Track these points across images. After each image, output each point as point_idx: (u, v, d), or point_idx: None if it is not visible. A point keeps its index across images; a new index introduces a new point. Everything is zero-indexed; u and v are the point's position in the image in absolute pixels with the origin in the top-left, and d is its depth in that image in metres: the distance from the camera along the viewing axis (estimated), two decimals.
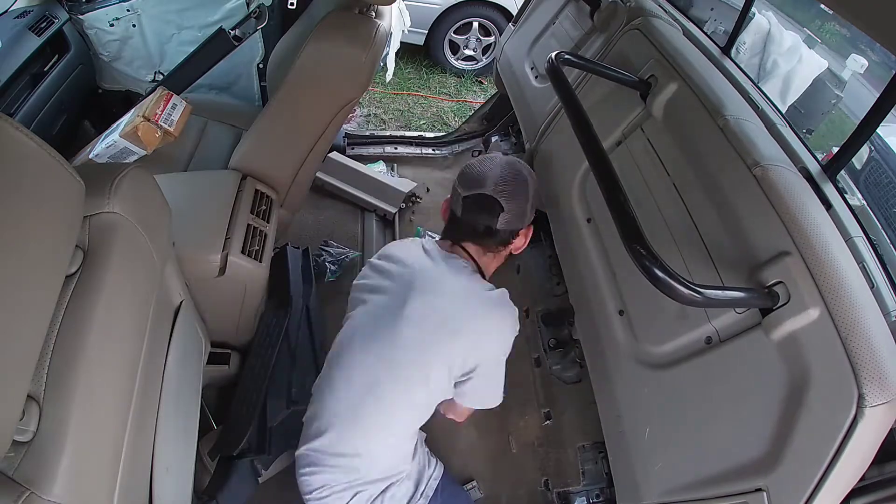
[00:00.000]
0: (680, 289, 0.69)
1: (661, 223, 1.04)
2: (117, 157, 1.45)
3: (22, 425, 0.55)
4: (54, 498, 0.55)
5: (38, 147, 0.57)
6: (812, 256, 0.77)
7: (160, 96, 1.48)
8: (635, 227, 0.72)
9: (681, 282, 0.69)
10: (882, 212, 2.31)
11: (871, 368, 0.67)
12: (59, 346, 0.61)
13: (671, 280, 0.68)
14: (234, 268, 1.29)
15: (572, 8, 1.72)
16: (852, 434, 0.67)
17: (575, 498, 1.26)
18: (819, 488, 0.70)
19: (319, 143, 1.52)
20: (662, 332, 1.00)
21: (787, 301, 0.77)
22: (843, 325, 0.71)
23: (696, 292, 0.69)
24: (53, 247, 0.59)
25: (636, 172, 1.15)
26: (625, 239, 0.72)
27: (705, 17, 2.69)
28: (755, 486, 0.77)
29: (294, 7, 1.92)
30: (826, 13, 3.29)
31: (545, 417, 1.41)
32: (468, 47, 3.97)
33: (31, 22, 1.75)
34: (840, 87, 2.92)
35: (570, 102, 1.00)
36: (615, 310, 1.13)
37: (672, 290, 0.69)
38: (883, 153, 2.63)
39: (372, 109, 3.47)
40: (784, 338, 0.77)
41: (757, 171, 0.89)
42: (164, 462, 0.87)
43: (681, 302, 0.71)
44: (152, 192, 0.85)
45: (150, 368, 0.82)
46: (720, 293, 0.77)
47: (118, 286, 0.70)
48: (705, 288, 0.71)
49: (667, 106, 1.13)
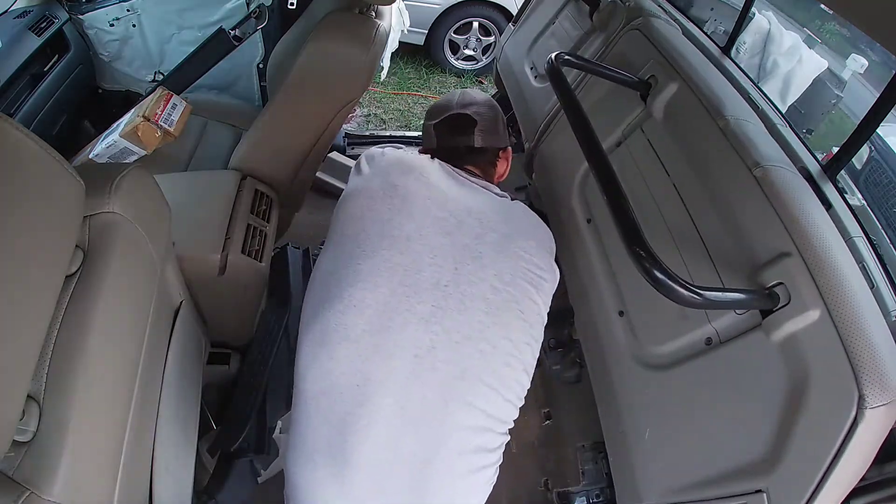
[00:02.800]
0: (680, 291, 0.69)
1: (661, 224, 1.04)
2: (117, 157, 1.45)
3: (22, 425, 0.55)
4: (54, 498, 0.55)
5: (38, 147, 0.57)
6: (812, 257, 0.77)
7: (160, 96, 1.48)
8: (636, 229, 0.72)
9: (681, 284, 0.69)
10: (882, 212, 2.31)
11: (872, 369, 0.67)
12: (59, 346, 0.61)
13: (671, 282, 0.68)
14: (234, 268, 1.29)
15: (572, 8, 1.72)
16: (853, 435, 0.67)
17: (575, 498, 1.26)
18: (819, 489, 0.70)
19: (319, 143, 1.52)
20: (663, 332, 1.00)
21: (787, 302, 0.77)
22: (843, 327, 0.71)
23: (696, 294, 0.69)
24: (53, 247, 0.59)
25: (636, 173, 1.15)
26: (625, 241, 0.72)
27: (705, 17, 2.69)
28: (755, 487, 0.77)
29: (294, 7, 1.92)
30: (826, 13, 3.29)
31: (545, 417, 1.41)
32: (468, 47, 3.97)
33: (31, 22, 1.75)
34: (840, 87, 2.92)
35: (569, 103, 1.00)
36: (615, 310, 1.12)
37: (672, 292, 0.69)
38: (883, 153, 2.63)
39: (372, 109, 3.47)
40: (784, 339, 0.77)
41: (757, 171, 0.89)
42: (164, 462, 0.86)
43: (681, 304, 0.71)
44: (152, 192, 0.84)
45: (150, 368, 0.82)
46: (720, 295, 0.77)
47: (118, 286, 0.70)
48: (705, 289, 0.71)
49: (667, 106, 1.13)
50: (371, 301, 0.86)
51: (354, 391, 0.84)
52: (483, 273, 0.87)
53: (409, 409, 0.83)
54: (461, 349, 0.84)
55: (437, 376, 0.84)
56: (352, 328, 0.85)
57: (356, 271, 0.88)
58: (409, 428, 0.84)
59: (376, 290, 0.86)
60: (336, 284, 0.89)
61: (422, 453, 0.84)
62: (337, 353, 0.85)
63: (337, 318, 0.86)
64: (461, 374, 0.84)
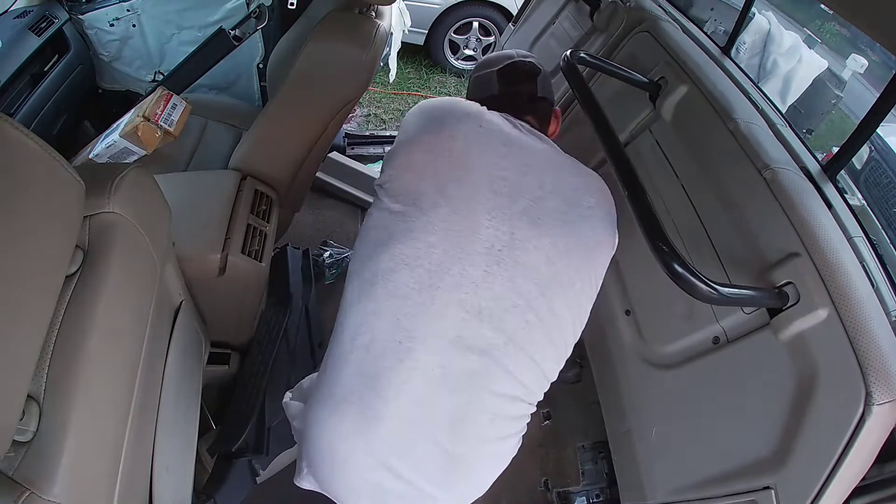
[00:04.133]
0: (699, 285, 0.72)
1: (670, 224, 1.05)
2: (117, 157, 1.45)
3: (22, 425, 0.55)
4: (54, 498, 0.55)
5: (38, 147, 0.57)
6: (820, 258, 0.78)
7: (160, 96, 1.48)
8: (658, 225, 0.75)
9: (700, 279, 0.72)
10: (882, 212, 2.31)
11: (878, 367, 0.69)
12: (59, 346, 0.61)
13: (692, 277, 0.71)
14: (234, 268, 1.29)
15: (572, 8, 1.72)
16: (860, 431, 0.69)
17: (575, 498, 1.26)
18: (827, 485, 0.71)
19: (319, 143, 1.52)
20: (669, 331, 1.00)
21: (796, 301, 0.79)
22: (850, 325, 0.73)
23: (713, 289, 0.72)
24: (53, 247, 0.59)
25: (644, 173, 1.15)
26: (647, 236, 0.75)
27: (705, 17, 2.69)
28: (763, 483, 0.78)
29: (294, 7, 1.92)
30: (826, 13, 3.29)
31: (545, 417, 1.41)
32: (468, 47, 3.97)
33: (31, 22, 1.75)
34: (840, 87, 2.92)
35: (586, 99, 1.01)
36: (621, 309, 1.13)
37: (692, 287, 0.72)
38: (883, 153, 2.63)
39: (372, 109, 3.47)
40: (793, 337, 0.79)
41: (767, 173, 0.90)
42: (164, 462, 0.87)
43: (699, 299, 0.73)
44: (152, 192, 0.85)
45: (150, 368, 0.82)
46: (735, 291, 0.79)
47: (118, 286, 0.70)
48: (721, 286, 0.73)
49: (676, 108, 1.14)
50: (424, 259, 0.84)
51: (396, 347, 0.83)
52: (539, 241, 0.85)
53: (450, 371, 0.82)
54: (507, 317, 0.83)
55: (482, 342, 0.83)
56: (401, 285, 0.83)
57: (410, 228, 0.85)
58: (446, 388, 0.83)
59: (430, 249, 0.84)
60: (388, 239, 0.86)
61: (455, 413, 0.83)
62: (382, 308, 0.84)
63: (385, 274, 0.84)
64: (505, 342, 0.83)
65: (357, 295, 0.88)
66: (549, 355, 0.88)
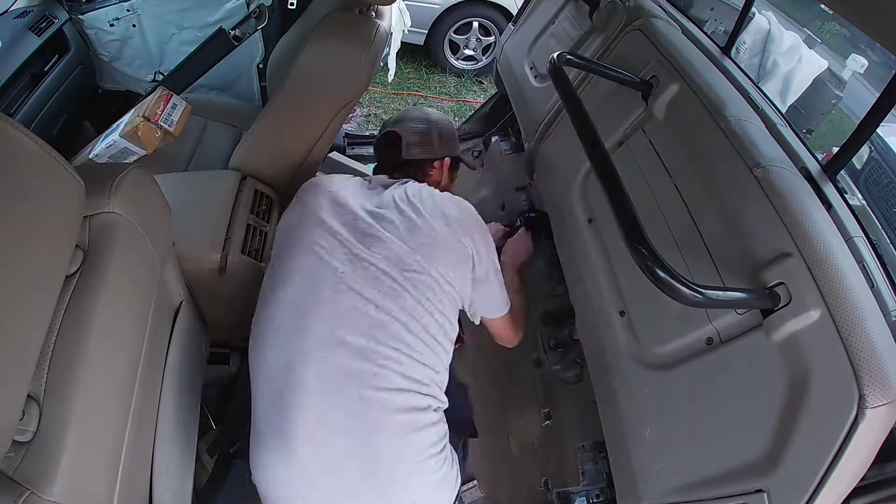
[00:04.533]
0: (682, 289, 0.69)
1: (663, 224, 1.04)
2: (117, 157, 1.45)
3: (22, 425, 0.55)
4: (54, 498, 0.55)
5: (38, 147, 0.57)
6: (813, 258, 0.77)
7: (160, 96, 1.48)
8: (638, 227, 0.72)
9: (683, 282, 0.69)
10: (882, 212, 2.31)
11: (872, 369, 0.67)
12: (59, 346, 0.61)
13: (673, 281, 0.68)
14: (234, 267, 1.29)
15: (572, 8, 1.72)
16: (853, 435, 0.67)
17: (575, 498, 1.26)
18: (820, 489, 0.70)
19: (319, 143, 1.52)
20: (663, 332, 1.00)
21: (788, 302, 0.77)
22: (843, 326, 0.71)
23: (697, 293, 0.69)
24: (53, 247, 0.59)
25: (637, 173, 1.15)
26: (627, 239, 0.72)
27: (705, 17, 2.69)
28: (756, 486, 0.77)
29: (294, 7, 1.92)
30: (826, 13, 3.29)
31: (545, 417, 1.41)
32: (468, 47, 3.97)
33: (31, 22, 1.75)
34: (840, 87, 2.92)
35: (571, 102, 1.00)
36: (616, 310, 1.12)
37: (674, 291, 0.69)
38: (883, 153, 2.63)
39: (372, 109, 3.47)
40: (785, 339, 0.77)
41: (758, 171, 0.89)
42: (164, 462, 0.87)
43: (683, 303, 0.71)
44: (152, 192, 0.85)
45: (151, 368, 0.82)
46: (722, 294, 0.77)
47: (118, 286, 0.70)
48: (707, 288, 0.71)
49: (668, 107, 1.13)
50: (284, 296, 1.00)
51: (284, 370, 0.94)
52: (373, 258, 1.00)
53: (331, 379, 0.92)
54: (362, 321, 0.95)
55: (348, 347, 0.94)
56: (274, 320, 1.00)
57: (274, 274, 1.05)
58: (334, 397, 0.92)
59: (286, 287, 1.01)
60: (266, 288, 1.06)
61: (354, 421, 0.92)
62: (266, 343, 0.99)
63: (265, 315, 1.02)
64: (366, 342, 0.94)
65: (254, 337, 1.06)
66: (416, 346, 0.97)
